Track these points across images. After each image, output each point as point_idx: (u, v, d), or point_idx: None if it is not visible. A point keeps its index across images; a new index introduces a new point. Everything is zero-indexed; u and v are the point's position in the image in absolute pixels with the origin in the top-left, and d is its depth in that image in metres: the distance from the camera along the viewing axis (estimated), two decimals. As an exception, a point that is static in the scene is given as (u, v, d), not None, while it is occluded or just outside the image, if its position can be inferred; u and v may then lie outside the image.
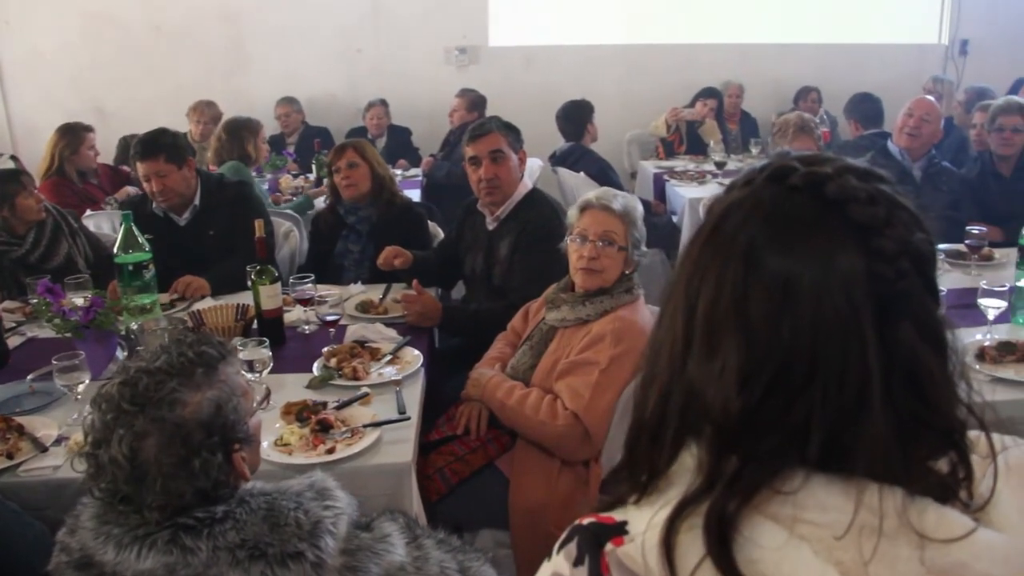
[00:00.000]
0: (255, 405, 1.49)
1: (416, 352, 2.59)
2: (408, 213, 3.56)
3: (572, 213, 2.55)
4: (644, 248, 2.54)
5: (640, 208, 2.56)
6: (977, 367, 2.52)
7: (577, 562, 0.83)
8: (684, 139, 6.46)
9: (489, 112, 6.00)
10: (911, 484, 0.76)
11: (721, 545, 0.75)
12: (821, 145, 3.78)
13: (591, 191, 2.60)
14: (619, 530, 0.83)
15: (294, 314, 2.89)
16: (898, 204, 0.80)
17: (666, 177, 5.73)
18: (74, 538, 1.34)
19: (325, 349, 2.58)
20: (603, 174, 5.21)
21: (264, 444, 1.97)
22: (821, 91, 6.91)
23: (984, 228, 3.69)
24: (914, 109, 3.98)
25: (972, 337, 2.69)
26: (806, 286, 0.76)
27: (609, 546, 0.82)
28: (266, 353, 2.30)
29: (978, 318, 2.75)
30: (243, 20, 6.76)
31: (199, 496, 1.32)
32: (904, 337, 0.76)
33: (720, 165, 5.82)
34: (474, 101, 6.12)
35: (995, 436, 0.83)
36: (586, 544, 0.83)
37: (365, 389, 2.32)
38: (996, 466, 0.81)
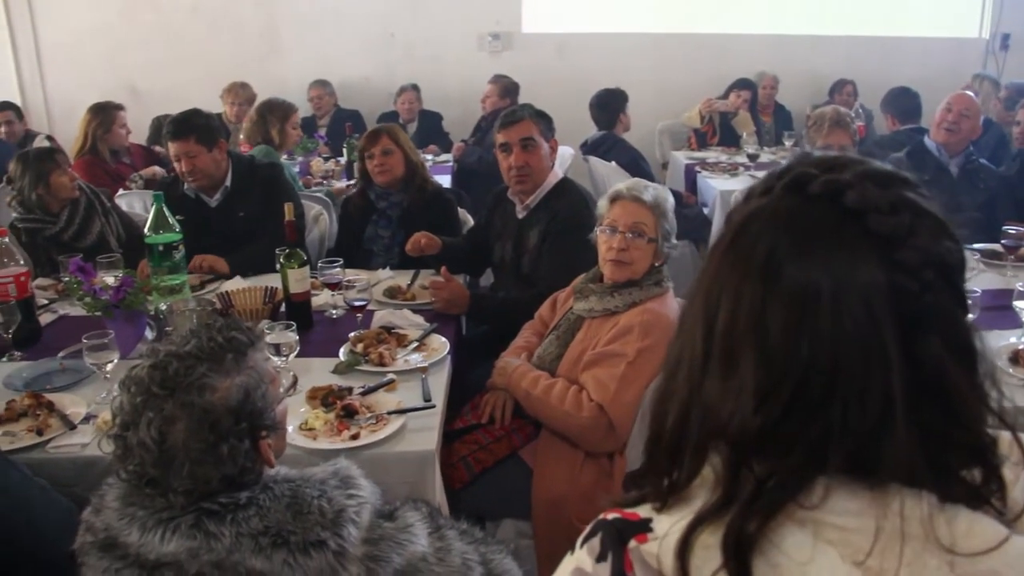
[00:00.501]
0: (282, 392, 1.50)
1: (443, 339, 2.59)
2: (439, 199, 3.55)
3: (602, 204, 2.53)
4: (674, 240, 2.51)
5: (671, 200, 2.53)
6: (1011, 371, 2.47)
7: (600, 558, 0.83)
8: (717, 130, 6.40)
9: (521, 99, 5.97)
10: (940, 491, 0.75)
11: (739, 562, 0.75)
12: (856, 140, 3.71)
13: (622, 181, 2.58)
14: (644, 527, 0.83)
15: (322, 298, 2.90)
16: (923, 211, 0.78)
17: (698, 168, 5.67)
18: (99, 518, 1.35)
19: (352, 334, 2.58)
20: (635, 164, 5.17)
21: (289, 428, 1.98)
22: (856, 84, 6.81)
23: (1022, 228, 3.63)
24: (953, 104, 3.90)
25: (1006, 340, 2.64)
26: (826, 300, 0.75)
27: (633, 543, 0.82)
28: (293, 337, 2.30)
29: (1013, 320, 2.70)
30: (278, 3, 6.78)
31: (225, 482, 1.33)
32: (931, 352, 0.75)
33: (753, 157, 5.76)
34: (507, 87, 6.09)
35: None
36: (609, 540, 0.83)
37: (391, 375, 2.32)
38: None
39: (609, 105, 5.37)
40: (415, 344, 2.56)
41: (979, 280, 3.06)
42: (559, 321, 2.61)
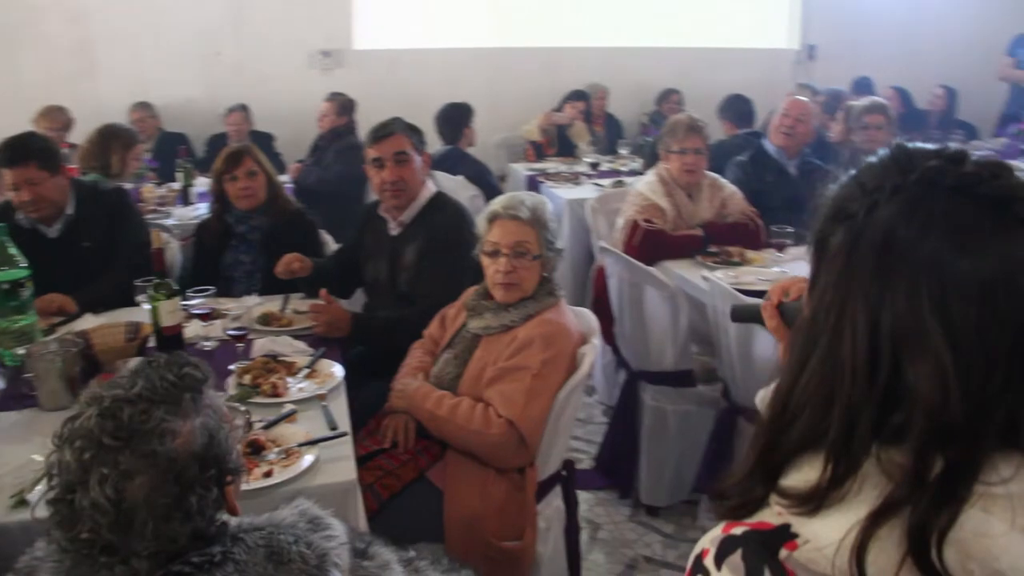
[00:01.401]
0: (239, 431, 1.37)
1: (334, 363, 2.48)
2: (300, 220, 3.41)
3: (481, 224, 2.50)
4: (559, 245, 2.51)
5: (549, 205, 2.53)
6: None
7: (752, 574, 0.81)
8: (555, 142, 6.52)
9: (358, 116, 5.88)
10: None
11: (927, 555, 0.76)
12: (709, 144, 3.87)
13: (468, 193, 2.55)
14: (786, 534, 0.82)
15: (190, 330, 2.71)
16: None
17: (540, 179, 5.75)
18: None
19: (235, 366, 2.43)
20: (481, 177, 5.17)
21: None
22: (683, 93, 7.13)
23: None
24: (790, 110, 4.14)
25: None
26: (1001, 286, 0.78)
27: (784, 552, 0.81)
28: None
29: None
30: (90, 18, 6.34)
31: (194, 538, 1.18)
32: None
33: (595, 166, 5.90)
34: (344, 105, 5.95)
35: None
36: (755, 554, 0.82)
37: (290, 406, 2.19)
38: None
39: (454, 119, 5.35)
40: (306, 371, 2.43)
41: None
42: (452, 339, 2.55)
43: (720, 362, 3.07)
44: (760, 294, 3.07)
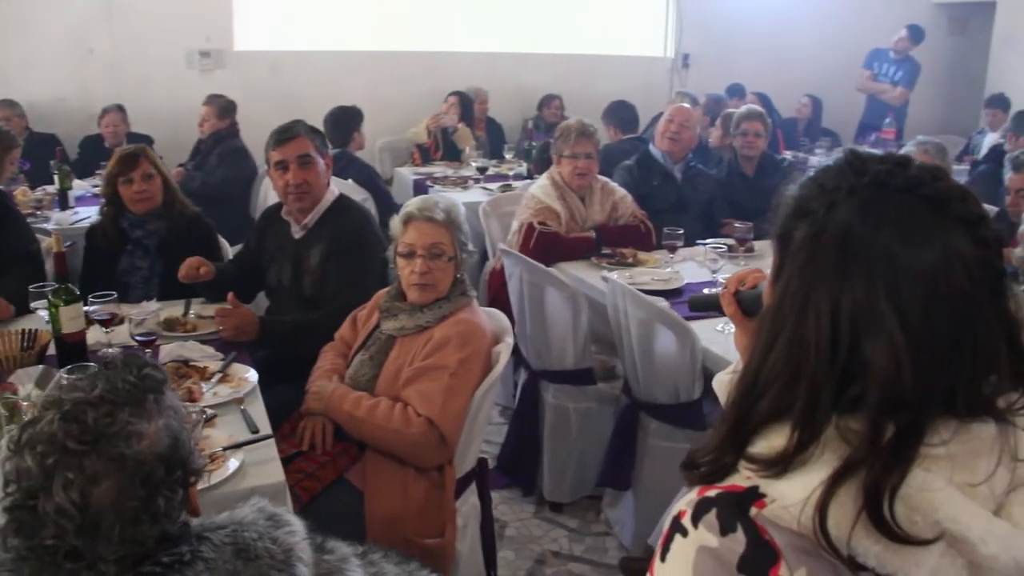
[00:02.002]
0: (196, 431, 1.35)
1: (247, 367, 2.46)
2: (198, 224, 3.35)
3: (395, 226, 2.52)
4: (471, 247, 2.57)
5: (462, 208, 2.59)
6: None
7: (726, 530, 0.89)
8: (440, 145, 6.56)
9: (239, 118, 5.77)
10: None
11: (880, 510, 0.86)
12: (600, 148, 4.00)
13: (412, 200, 2.58)
14: (756, 495, 0.91)
15: (91, 336, 2.62)
16: (978, 200, 0.94)
17: (428, 183, 5.78)
18: None
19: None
20: (370, 181, 5.17)
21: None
22: (563, 98, 7.29)
23: (738, 223, 4.10)
24: (674, 116, 4.31)
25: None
26: (941, 274, 0.89)
27: (754, 510, 0.90)
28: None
29: (764, 303, 3.05)
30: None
31: (160, 539, 1.17)
32: (1008, 308, 0.92)
33: (482, 170, 5.97)
34: (224, 107, 5.80)
35: None
36: (728, 512, 0.90)
37: (209, 411, 2.16)
38: None
39: (343, 123, 5.31)
40: (219, 376, 2.40)
41: (723, 271, 3.42)
42: (366, 341, 2.57)
43: (622, 360, 3.18)
44: (655, 293, 3.21)
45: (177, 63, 6.53)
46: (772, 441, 0.93)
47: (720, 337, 2.91)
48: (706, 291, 3.06)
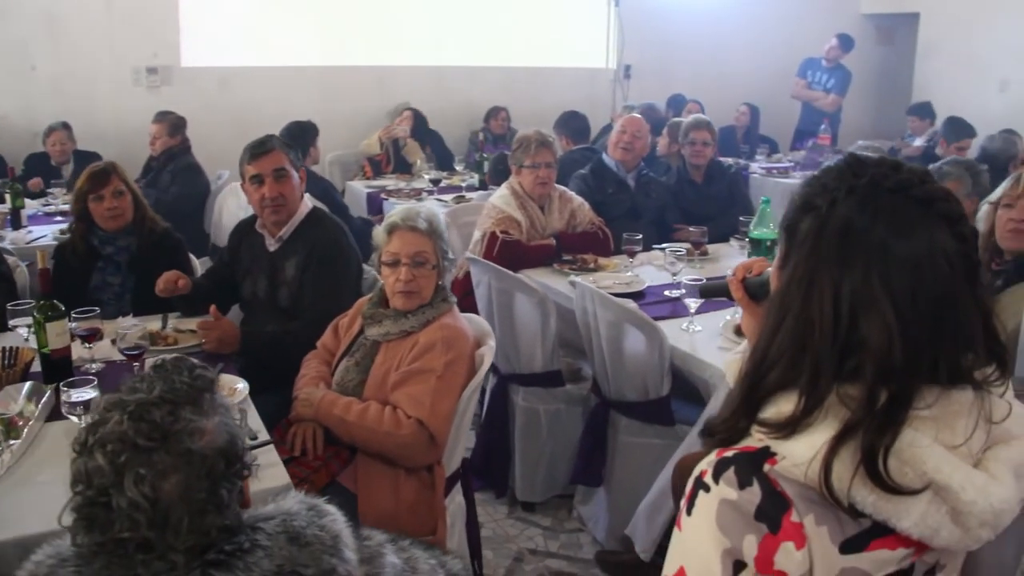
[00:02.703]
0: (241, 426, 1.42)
1: (236, 377, 2.50)
2: (169, 240, 3.37)
3: (379, 235, 2.59)
4: (452, 255, 2.66)
5: (442, 218, 2.68)
6: (739, 340, 2.93)
7: (743, 484, 1.03)
8: (391, 159, 6.63)
9: (189, 135, 5.77)
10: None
11: (875, 466, 0.99)
12: (559, 156, 4.12)
13: (395, 210, 2.66)
14: (767, 454, 1.05)
15: (73, 352, 2.64)
16: (959, 202, 1.08)
17: (383, 196, 5.85)
18: None
19: (134, 385, 2.40)
20: (327, 194, 5.20)
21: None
22: (509, 110, 7.41)
23: (693, 228, 4.26)
24: (627, 126, 4.46)
25: (725, 318, 3.13)
26: (926, 264, 1.03)
27: (767, 466, 1.04)
28: (91, 394, 2.10)
29: (725, 301, 3.19)
30: None
31: (221, 530, 1.24)
32: (982, 296, 1.06)
33: (436, 183, 6.05)
34: (175, 124, 5.79)
35: None
36: (745, 469, 1.04)
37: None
38: None
39: (299, 137, 5.33)
40: (208, 387, 2.44)
41: (682, 274, 3.56)
42: (350, 347, 2.63)
43: (591, 361, 3.28)
44: (620, 295, 3.33)
45: (123, 80, 6.48)
46: (780, 407, 1.07)
47: (685, 335, 3.05)
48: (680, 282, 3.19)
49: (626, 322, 2.99)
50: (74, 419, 2.07)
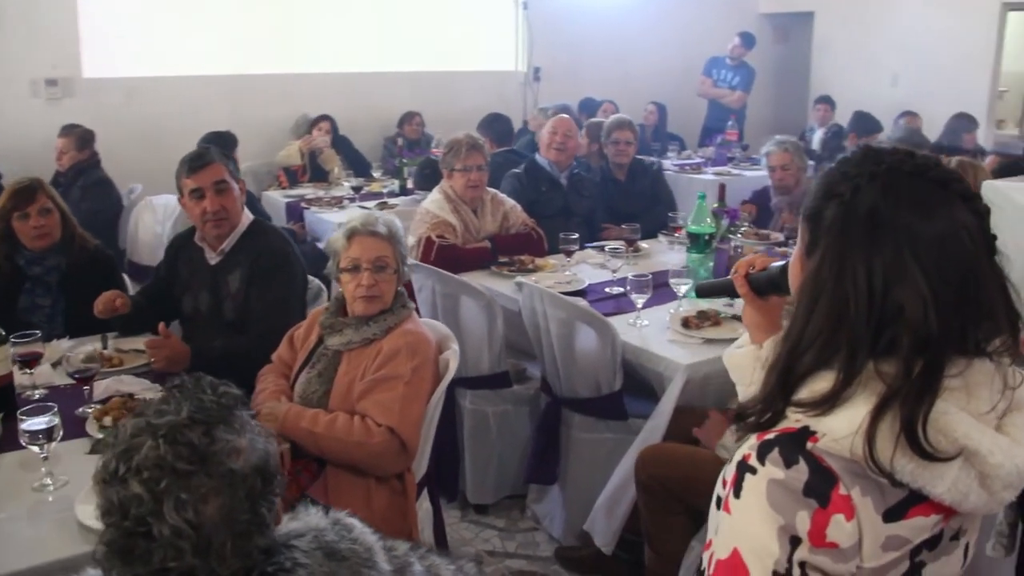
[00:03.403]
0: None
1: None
2: (101, 258, 3.25)
3: (339, 240, 2.56)
4: (411, 260, 2.64)
5: (399, 224, 2.66)
6: (688, 333, 3.01)
7: (789, 463, 1.08)
8: (307, 168, 6.53)
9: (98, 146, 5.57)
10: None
11: (915, 435, 1.05)
12: (489, 159, 4.14)
13: (354, 216, 2.63)
14: (808, 432, 1.10)
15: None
16: (967, 180, 1.14)
17: (303, 205, 5.75)
18: None
19: (88, 409, 2.33)
20: (251, 205, 5.07)
21: (95, 520, 1.78)
22: (424, 115, 7.39)
23: (625, 226, 4.34)
24: (558, 127, 4.52)
25: (672, 311, 3.20)
26: (950, 239, 1.09)
27: (809, 444, 1.08)
28: (55, 420, 2.01)
29: (671, 295, 3.27)
30: None
31: (262, 550, 1.20)
32: (1000, 267, 1.13)
33: (357, 190, 5.99)
34: (83, 138, 5.57)
35: None
36: (789, 449, 1.09)
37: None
38: None
39: (218, 148, 5.19)
40: (167, 406, 2.37)
41: (622, 271, 3.62)
42: (311, 358, 2.58)
43: (541, 360, 3.31)
44: (567, 294, 3.36)
45: (20, 93, 6.19)
46: (814, 387, 1.12)
47: (633, 330, 3.10)
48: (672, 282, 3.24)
49: (577, 320, 3.02)
50: (35, 449, 1.98)
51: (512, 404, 3.53)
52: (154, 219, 5.23)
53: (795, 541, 1.07)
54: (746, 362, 1.46)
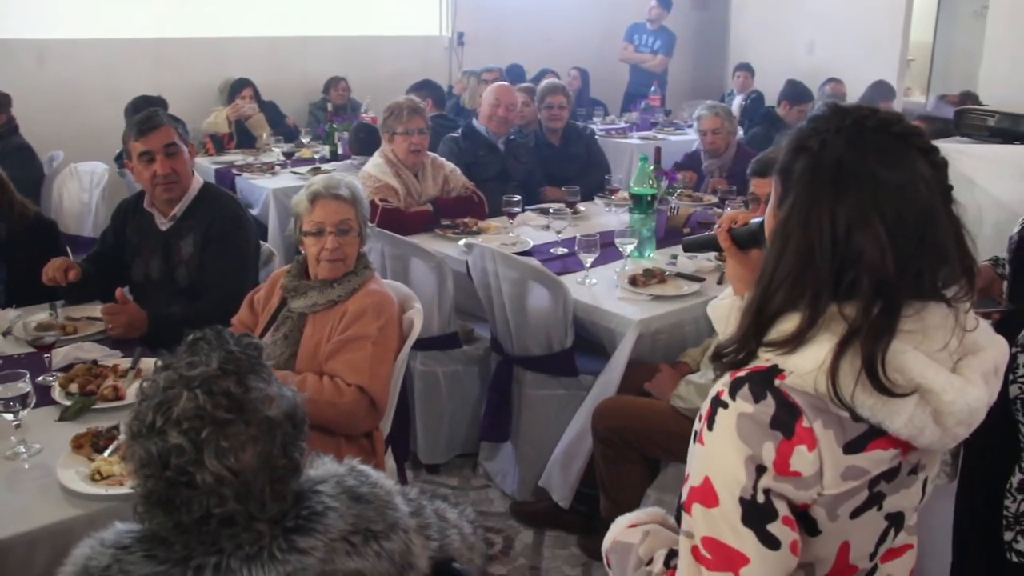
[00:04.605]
0: None
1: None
2: (42, 225, 3.18)
3: (301, 203, 2.56)
4: (371, 223, 2.67)
5: (359, 184, 2.68)
6: (636, 290, 3.11)
7: (758, 398, 1.16)
8: (234, 135, 6.41)
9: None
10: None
11: (875, 370, 1.14)
12: (434, 122, 4.16)
13: (316, 179, 2.63)
14: (776, 370, 1.18)
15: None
16: (928, 136, 1.23)
17: (234, 171, 5.65)
18: None
19: (50, 377, 2.30)
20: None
21: (81, 483, 1.80)
22: (349, 80, 7.31)
23: (565, 188, 4.41)
24: (501, 98, 4.52)
25: (618, 269, 3.30)
26: (910, 188, 1.17)
27: (777, 381, 1.17)
28: (26, 388, 1.98)
29: (617, 253, 3.38)
30: None
31: (295, 495, 1.25)
32: (956, 214, 1.22)
33: (289, 156, 5.93)
34: (-2, 102, 5.38)
35: None
36: (758, 385, 1.17)
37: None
38: None
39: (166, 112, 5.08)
40: (132, 371, 2.36)
41: (566, 231, 3.71)
42: (274, 321, 2.59)
43: (491, 320, 3.37)
44: (521, 255, 3.42)
45: (-76, 56, 5.92)
46: (782, 328, 1.21)
47: (583, 288, 3.19)
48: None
49: (530, 279, 3.09)
50: (8, 417, 1.96)
51: (462, 364, 3.59)
52: (80, 187, 5.08)
53: (760, 470, 1.16)
54: (727, 312, 1.55)
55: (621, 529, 1.46)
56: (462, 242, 3.60)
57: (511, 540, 3.17)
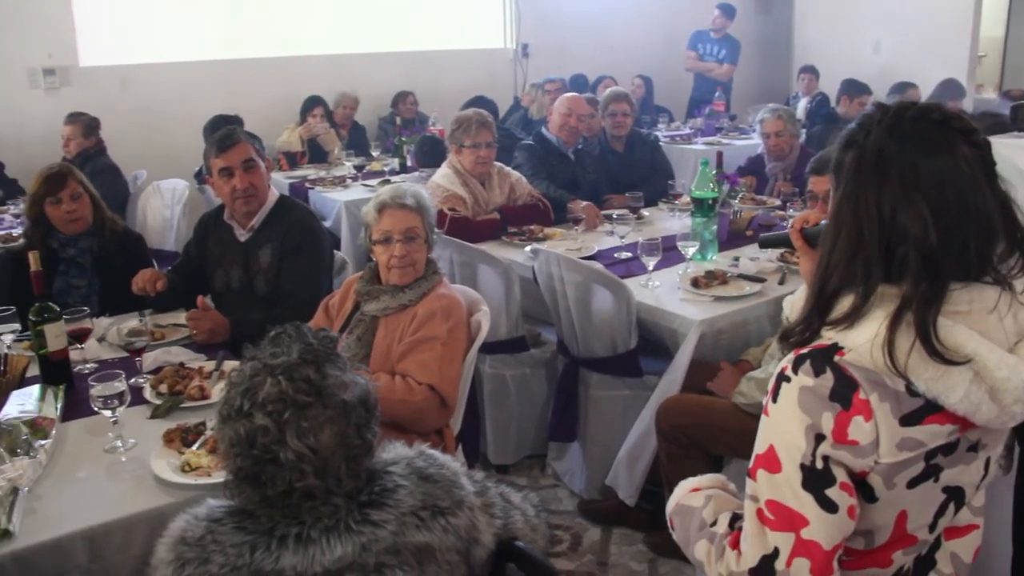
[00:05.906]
0: None
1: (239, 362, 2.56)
2: (130, 238, 3.37)
3: (370, 213, 2.68)
4: (437, 229, 2.77)
5: (427, 195, 2.79)
6: (698, 292, 3.16)
7: (818, 373, 1.25)
8: (307, 151, 6.62)
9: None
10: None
11: (929, 338, 1.21)
12: (497, 136, 4.26)
13: (383, 190, 2.74)
14: (836, 348, 1.27)
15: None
16: (968, 118, 1.29)
17: (308, 185, 5.85)
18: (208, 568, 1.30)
19: (142, 379, 2.45)
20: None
21: (172, 474, 1.92)
22: (416, 94, 7.48)
23: (629, 195, 4.47)
24: (573, 109, 4.61)
25: (681, 271, 3.35)
26: (949, 166, 1.24)
27: (837, 357, 1.26)
28: (122, 387, 2.13)
29: (680, 256, 3.43)
30: None
31: (368, 473, 1.36)
32: (999, 186, 1.28)
33: (360, 168, 6.11)
34: (89, 125, 5.63)
35: None
36: (819, 361, 1.26)
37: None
38: None
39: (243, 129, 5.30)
40: (217, 373, 2.50)
41: (630, 236, 3.77)
42: (349, 325, 2.71)
43: (557, 323, 3.45)
44: (586, 259, 3.49)
45: (19, 82, 6.24)
46: (841, 306, 1.29)
47: (646, 291, 3.25)
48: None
49: (593, 282, 3.16)
50: (107, 413, 2.11)
51: (530, 367, 3.67)
52: (162, 203, 5.31)
53: (820, 438, 1.25)
54: (800, 305, 1.62)
55: (684, 493, 1.55)
56: (528, 248, 3.69)
57: (579, 537, 3.24)
